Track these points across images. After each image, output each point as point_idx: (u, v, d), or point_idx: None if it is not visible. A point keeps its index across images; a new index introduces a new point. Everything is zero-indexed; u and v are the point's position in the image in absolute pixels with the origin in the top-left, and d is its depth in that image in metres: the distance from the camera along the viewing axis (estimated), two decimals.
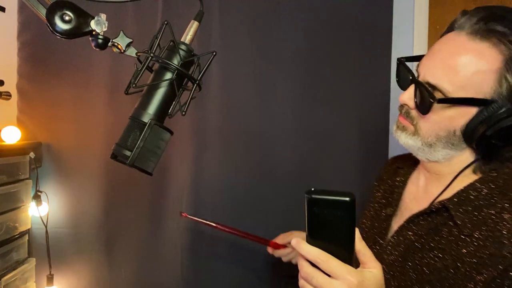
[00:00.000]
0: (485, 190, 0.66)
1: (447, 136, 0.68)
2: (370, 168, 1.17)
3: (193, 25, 0.65)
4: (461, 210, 0.66)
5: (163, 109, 0.63)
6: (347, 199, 0.50)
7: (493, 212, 0.63)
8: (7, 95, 1.24)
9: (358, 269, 0.53)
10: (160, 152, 0.62)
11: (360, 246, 0.53)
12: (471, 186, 0.68)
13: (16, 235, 1.22)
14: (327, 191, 0.51)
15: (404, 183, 0.83)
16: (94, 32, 0.60)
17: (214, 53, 0.64)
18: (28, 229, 1.29)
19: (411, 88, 0.69)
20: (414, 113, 0.70)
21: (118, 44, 0.62)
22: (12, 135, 1.24)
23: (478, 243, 0.62)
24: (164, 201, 1.33)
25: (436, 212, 0.69)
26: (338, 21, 1.32)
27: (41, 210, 1.28)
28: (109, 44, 0.62)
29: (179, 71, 0.61)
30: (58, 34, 0.59)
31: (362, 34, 1.33)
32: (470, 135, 0.65)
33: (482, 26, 0.62)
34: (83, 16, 0.60)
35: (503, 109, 0.61)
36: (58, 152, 1.32)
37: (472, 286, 0.60)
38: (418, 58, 0.73)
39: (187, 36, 0.65)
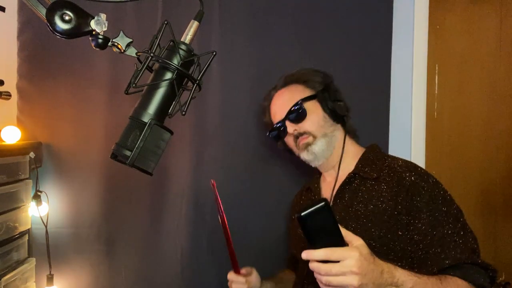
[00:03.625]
0: (370, 156, 1.02)
1: (324, 122, 1.02)
2: None
3: (193, 25, 0.66)
4: (365, 170, 0.99)
5: (163, 109, 0.63)
6: (323, 203, 0.67)
7: (383, 163, 0.98)
8: (7, 95, 1.24)
9: (351, 246, 0.69)
10: (160, 152, 0.62)
11: (342, 231, 0.69)
12: (362, 157, 1.02)
13: (16, 235, 1.22)
14: (306, 205, 0.67)
15: (319, 188, 1.09)
16: (94, 32, 0.60)
17: (214, 53, 0.64)
18: (28, 229, 1.29)
19: (287, 123, 1.03)
20: (301, 128, 1.01)
21: (118, 44, 0.62)
22: (12, 135, 1.24)
23: (386, 180, 0.94)
24: (164, 201, 1.33)
25: (350, 181, 0.99)
26: (338, 21, 1.32)
27: (41, 210, 1.28)
28: (109, 44, 0.62)
29: (179, 71, 0.61)
30: (58, 34, 0.59)
31: (362, 34, 1.33)
32: (332, 113, 1.02)
33: (281, 82, 1.10)
34: (83, 16, 0.60)
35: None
36: (58, 152, 1.32)
37: (399, 207, 0.88)
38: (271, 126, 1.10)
39: (187, 36, 0.65)
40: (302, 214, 0.67)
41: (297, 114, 1.02)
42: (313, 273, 0.71)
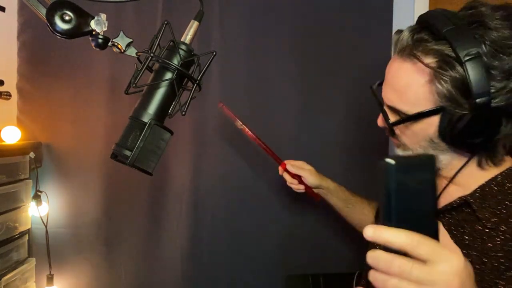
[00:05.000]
0: (508, 185, 0.65)
1: (430, 145, 0.68)
2: (370, 167, 1.17)
3: (193, 25, 0.66)
4: (484, 205, 0.65)
5: (163, 109, 0.63)
6: (432, 159, 0.42)
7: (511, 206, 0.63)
8: (7, 95, 1.24)
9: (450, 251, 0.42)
10: (160, 152, 0.62)
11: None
12: (492, 180, 0.66)
13: (16, 235, 1.22)
14: (404, 156, 0.43)
15: None
16: (94, 32, 0.60)
17: (214, 53, 0.64)
18: (28, 229, 1.29)
19: (386, 108, 0.73)
20: (396, 130, 0.72)
21: (118, 44, 0.62)
22: (12, 135, 1.24)
23: (504, 236, 0.61)
24: (164, 201, 1.33)
25: (457, 209, 0.69)
26: (338, 21, 1.32)
27: (41, 210, 1.28)
28: (109, 44, 0.62)
29: (179, 71, 0.61)
30: (58, 34, 0.59)
31: (362, 34, 1.33)
32: (448, 139, 0.65)
33: (409, 43, 0.65)
34: (83, 16, 0.60)
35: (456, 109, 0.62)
36: (58, 152, 1.32)
37: (504, 283, 0.58)
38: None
39: (187, 36, 0.65)
40: (394, 163, 0.41)
41: (388, 124, 0.71)
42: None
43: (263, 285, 1.34)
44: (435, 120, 0.65)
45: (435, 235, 0.42)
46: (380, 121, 0.76)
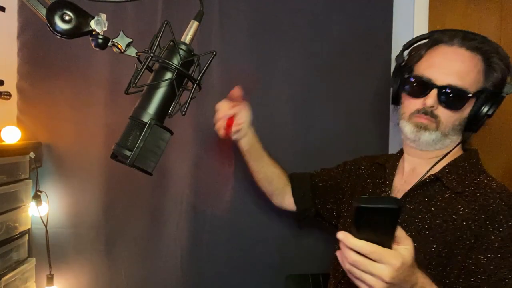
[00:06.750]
0: (463, 164, 0.91)
1: (459, 124, 0.90)
2: None
3: (193, 25, 0.66)
4: (450, 178, 0.88)
5: (163, 109, 0.63)
6: (397, 207, 0.57)
7: (474, 178, 0.88)
8: (7, 95, 1.24)
9: (395, 247, 0.61)
10: (160, 152, 0.62)
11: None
12: (454, 162, 0.91)
13: (16, 235, 1.22)
14: (372, 198, 0.60)
15: (392, 173, 1.00)
16: (94, 32, 0.61)
17: (214, 53, 0.64)
18: (28, 229, 1.29)
19: (433, 92, 0.87)
20: (438, 111, 0.87)
21: (118, 44, 0.62)
22: (12, 135, 1.24)
23: (468, 198, 0.84)
24: (164, 201, 1.33)
25: (429, 183, 0.90)
26: (338, 22, 1.32)
27: (41, 210, 1.28)
28: (109, 44, 0.62)
29: (179, 71, 0.61)
30: (58, 34, 0.59)
31: (362, 34, 1.33)
32: (472, 120, 0.89)
33: (473, 44, 0.88)
34: (83, 16, 0.60)
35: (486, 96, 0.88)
36: (58, 152, 1.32)
37: (469, 232, 0.79)
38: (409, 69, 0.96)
39: (187, 36, 0.65)
40: (363, 205, 0.57)
41: (456, 100, 0.86)
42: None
43: (263, 285, 1.34)
44: (471, 102, 0.88)
45: (389, 244, 0.60)
46: (431, 101, 0.87)
